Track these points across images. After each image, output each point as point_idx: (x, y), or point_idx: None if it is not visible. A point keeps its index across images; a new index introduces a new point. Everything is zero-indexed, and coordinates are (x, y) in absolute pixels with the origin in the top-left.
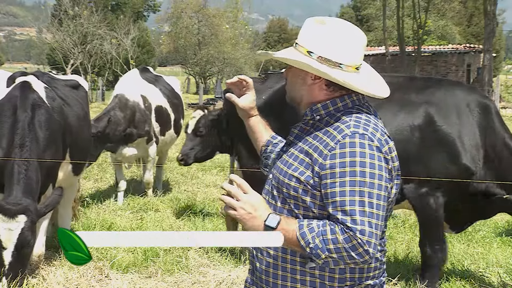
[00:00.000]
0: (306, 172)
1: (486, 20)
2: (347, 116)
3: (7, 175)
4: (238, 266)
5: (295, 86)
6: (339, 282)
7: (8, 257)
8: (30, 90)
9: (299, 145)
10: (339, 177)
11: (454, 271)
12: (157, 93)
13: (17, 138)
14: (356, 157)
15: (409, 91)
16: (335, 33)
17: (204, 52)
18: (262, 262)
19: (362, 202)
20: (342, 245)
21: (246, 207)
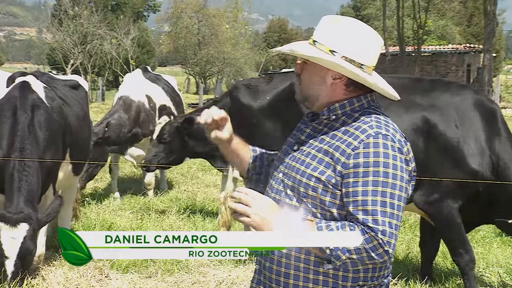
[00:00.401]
0: (326, 171)
1: (486, 20)
2: (367, 116)
3: (7, 180)
4: (238, 266)
5: (312, 85)
6: (352, 281)
7: (10, 266)
8: (29, 90)
9: (315, 144)
10: (362, 177)
11: (454, 271)
12: (161, 92)
13: (17, 141)
14: (379, 157)
15: (415, 93)
16: (355, 33)
17: (204, 52)
18: (273, 262)
19: (384, 202)
20: (363, 246)
21: (259, 212)
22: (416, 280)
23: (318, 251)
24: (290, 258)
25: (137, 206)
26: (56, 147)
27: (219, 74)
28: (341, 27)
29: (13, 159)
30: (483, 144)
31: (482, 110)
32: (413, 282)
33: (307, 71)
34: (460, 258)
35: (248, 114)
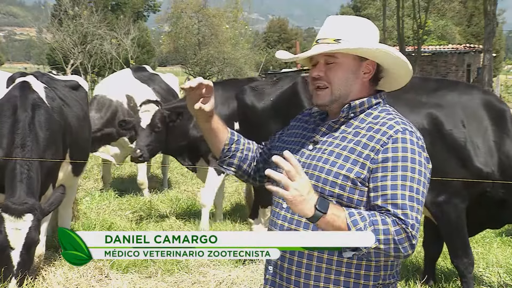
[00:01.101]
0: (354, 168)
1: (486, 20)
2: (388, 113)
3: (9, 175)
4: (238, 266)
5: (346, 83)
6: (374, 280)
7: (16, 257)
8: (29, 90)
9: (337, 142)
10: (391, 171)
11: (454, 271)
12: (149, 92)
13: (18, 138)
14: (407, 152)
15: (421, 92)
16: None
17: (204, 52)
18: (292, 263)
19: (412, 197)
20: (393, 237)
21: (300, 188)
22: (416, 280)
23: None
24: (312, 258)
25: (137, 206)
26: (56, 147)
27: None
28: (340, 20)
29: (14, 158)
30: (491, 144)
31: (491, 110)
32: (413, 282)
33: (335, 70)
34: (459, 260)
35: (252, 115)
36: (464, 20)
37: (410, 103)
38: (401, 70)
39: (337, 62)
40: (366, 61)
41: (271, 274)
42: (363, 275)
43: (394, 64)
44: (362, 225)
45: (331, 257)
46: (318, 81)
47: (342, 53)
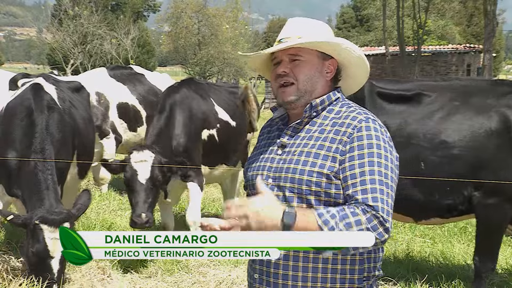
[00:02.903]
0: (326, 163)
1: (486, 20)
2: (348, 107)
3: (29, 181)
4: (238, 266)
5: (312, 78)
6: (359, 273)
7: (56, 265)
8: (43, 92)
9: (305, 142)
10: (358, 159)
11: (454, 271)
12: (123, 90)
13: (36, 142)
14: (373, 139)
15: (489, 95)
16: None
17: (204, 52)
18: (278, 267)
19: (381, 181)
20: (365, 226)
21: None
22: (416, 280)
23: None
24: (298, 260)
25: None
26: (67, 148)
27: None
28: (301, 21)
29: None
30: None
31: None
32: (413, 282)
33: (301, 67)
34: (483, 263)
35: None
36: (464, 20)
37: (478, 105)
38: (359, 70)
39: (302, 60)
40: (328, 61)
41: (257, 282)
42: (349, 269)
43: (355, 63)
44: (333, 223)
45: (317, 256)
46: (285, 78)
47: (307, 51)
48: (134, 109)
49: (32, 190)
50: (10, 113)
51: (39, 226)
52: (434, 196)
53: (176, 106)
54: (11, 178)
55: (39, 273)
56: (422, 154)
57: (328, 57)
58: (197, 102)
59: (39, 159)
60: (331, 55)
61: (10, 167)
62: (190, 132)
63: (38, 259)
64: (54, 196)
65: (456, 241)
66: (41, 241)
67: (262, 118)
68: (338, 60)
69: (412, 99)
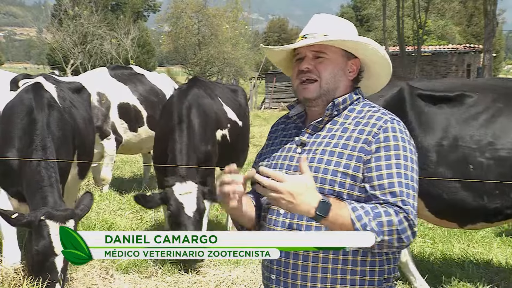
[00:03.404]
0: (350, 163)
1: (486, 20)
2: (371, 107)
3: (32, 179)
4: (238, 266)
5: (335, 77)
6: (379, 275)
7: (60, 263)
8: (43, 90)
9: (327, 141)
10: (385, 160)
11: (454, 271)
12: (125, 90)
13: (38, 140)
14: (399, 141)
15: None
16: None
17: (204, 52)
18: (297, 267)
19: (407, 184)
20: (396, 227)
21: (291, 189)
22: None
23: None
24: (318, 260)
25: (137, 206)
26: (67, 147)
27: (219, 74)
28: (326, 18)
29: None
30: None
31: None
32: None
33: (326, 65)
34: None
35: None
36: (464, 20)
37: None
38: (383, 70)
39: (326, 57)
40: (351, 60)
41: (275, 282)
42: (369, 271)
43: (379, 63)
44: (366, 220)
45: (336, 257)
46: (307, 74)
47: (332, 49)
48: (135, 109)
49: (35, 188)
50: (10, 112)
51: (44, 221)
52: (483, 200)
53: (192, 112)
54: (13, 177)
55: (42, 272)
56: (470, 157)
57: (351, 56)
58: (209, 102)
59: (41, 156)
60: (355, 55)
61: (12, 165)
62: (209, 137)
63: (42, 257)
64: (58, 195)
65: (456, 241)
66: (46, 237)
67: (262, 118)
68: (361, 60)
69: (455, 100)
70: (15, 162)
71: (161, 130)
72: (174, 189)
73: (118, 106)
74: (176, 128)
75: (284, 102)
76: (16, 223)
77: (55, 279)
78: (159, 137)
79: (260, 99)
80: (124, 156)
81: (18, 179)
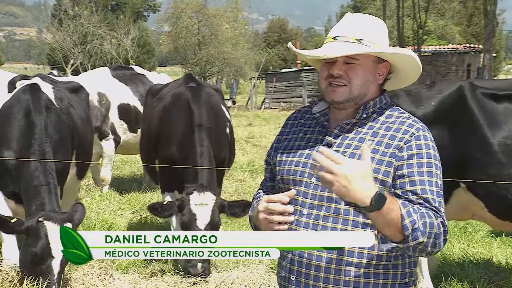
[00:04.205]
0: (381, 168)
1: (486, 20)
2: (400, 112)
3: (31, 182)
4: (238, 266)
5: (366, 83)
6: (401, 278)
7: (57, 266)
8: (40, 92)
9: (355, 144)
10: (417, 167)
11: (454, 271)
12: (127, 91)
13: (36, 144)
14: (430, 149)
15: None
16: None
17: (204, 52)
18: (319, 269)
19: (438, 193)
20: (436, 230)
21: (347, 172)
22: (416, 280)
23: (395, 230)
24: (341, 263)
25: (137, 206)
26: (65, 149)
27: (219, 74)
28: (359, 19)
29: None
30: None
31: None
32: None
33: (357, 71)
34: None
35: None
36: (464, 20)
37: None
38: (413, 72)
39: (357, 63)
40: (382, 64)
41: (295, 284)
42: (391, 274)
43: (410, 68)
44: (415, 217)
45: (360, 260)
46: (338, 80)
47: (364, 55)
48: (135, 110)
49: (33, 193)
50: (6, 113)
51: (42, 223)
52: None
53: (208, 113)
54: (9, 178)
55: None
56: None
57: (382, 60)
58: (218, 102)
59: (40, 160)
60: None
61: (8, 166)
62: (224, 142)
63: (39, 259)
64: (56, 200)
65: (456, 241)
66: (42, 237)
67: (262, 118)
68: (392, 64)
69: None
70: (11, 163)
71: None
72: (191, 198)
73: (119, 106)
74: (196, 132)
75: (284, 102)
76: (15, 229)
77: (51, 281)
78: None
79: (260, 99)
80: (124, 156)
81: (15, 181)
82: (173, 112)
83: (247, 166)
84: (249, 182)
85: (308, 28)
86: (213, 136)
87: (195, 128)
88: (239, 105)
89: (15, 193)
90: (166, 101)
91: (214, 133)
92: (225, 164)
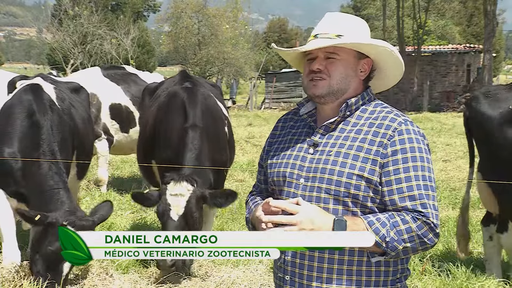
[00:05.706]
0: (366, 166)
1: (486, 20)
2: (383, 107)
3: (45, 184)
4: (238, 266)
5: (345, 79)
6: (393, 275)
7: (66, 269)
8: (42, 92)
9: (341, 142)
10: (403, 163)
11: (454, 271)
12: (117, 91)
13: (45, 144)
14: (414, 143)
15: None
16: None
17: (204, 52)
18: (312, 269)
19: (426, 186)
20: (416, 233)
21: (305, 217)
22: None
23: (373, 246)
24: (333, 262)
25: (137, 206)
26: (67, 149)
27: (219, 74)
28: (339, 16)
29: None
30: None
31: None
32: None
33: (337, 65)
34: None
35: (487, 123)
36: (464, 20)
37: None
38: (395, 71)
39: (338, 58)
40: (363, 60)
41: (289, 284)
42: (383, 271)
43: (392, 64)
44: (384, 231)
45: (351, 258)
46: (318, 75)
47: (344, 50)
48: (127, 110)
49: (49, 194)
50: (8, 112)
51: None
52: None
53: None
54: (12, 177)
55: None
56: None
57: (363, 56)
58: (215, 101)
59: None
60: (367, 55)
61: (11, 165)
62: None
63: (54, 259)
64: (71, 200)
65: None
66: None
67: (262, 118)
68: (374, 60)
69: None
70: (14, 163)
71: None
72: (167, 187)
73: (110, 106)
74: (190, 131)
75: (284, 102)
76: (38, 224)
77: (59, 281)
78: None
79: (260, 99)
80: (124, 156)
81: (19, 180)
82: (168, 113)
83: (247, 166)
84: (249, 182)
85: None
86: (210, 137)
87: (188, 128)
88: (239, 105)
89: (18, 192)
90: (160, 101)
91: (212, 134)
92: (227, 165)
